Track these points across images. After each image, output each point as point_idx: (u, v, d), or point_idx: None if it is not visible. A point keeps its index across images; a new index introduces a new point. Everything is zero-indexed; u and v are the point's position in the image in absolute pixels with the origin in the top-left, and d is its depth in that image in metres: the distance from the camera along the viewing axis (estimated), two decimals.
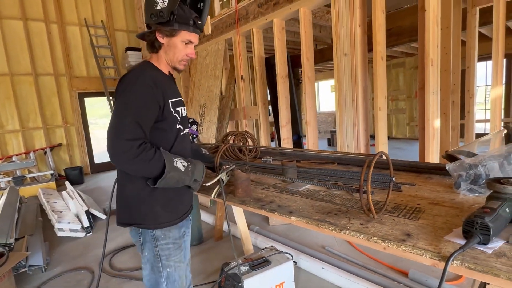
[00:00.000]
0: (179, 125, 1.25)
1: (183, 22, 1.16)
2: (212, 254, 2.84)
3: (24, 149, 6.33)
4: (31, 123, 6.49)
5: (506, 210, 0.84)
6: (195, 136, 2.34)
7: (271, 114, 4.62)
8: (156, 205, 1.21)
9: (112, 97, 7.02)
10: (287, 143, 3.54)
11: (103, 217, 3.91)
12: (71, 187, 4.70)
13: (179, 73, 1.31)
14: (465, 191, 1.18)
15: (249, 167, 1.71)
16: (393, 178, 1.12)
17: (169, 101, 1.19)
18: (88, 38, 6.93)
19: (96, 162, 7.44)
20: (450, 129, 3.38)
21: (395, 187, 1.29)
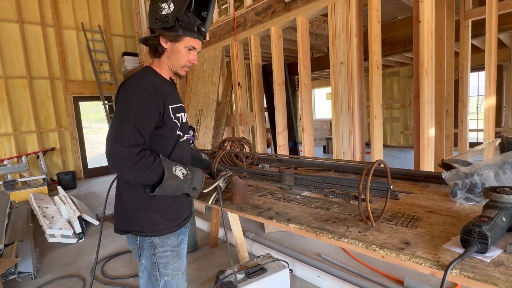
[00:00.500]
0: (179, 131, 1.24)
1: (188, 28, 1.17)
2: (207, 261, 2.81)
3: (16, 153, 6.24)
4: (24, 126, 6.41)
5: (503, 219, 0.85)
6: (191, 141, 2.32)
7: (267, 120, 4.64)
8: (155, 212, 1.19)
9: (108, 102, 6.99)
10: (283, 149, 3.55)
11: (95, 223, 3.84)
12: (63, 192, 4.61)
13: (180, 79, 1.31)
14: (462, 200, 1.19)
15: (247, 173, 1.70)
16: (391, 186, 1.13)
17: (170, 107, 1.19)
18: (84, 42, 6.92)
19: (90, 166, 7.37)
20: (444, 137, 3.42)
21: (392, 195, 1.30)
